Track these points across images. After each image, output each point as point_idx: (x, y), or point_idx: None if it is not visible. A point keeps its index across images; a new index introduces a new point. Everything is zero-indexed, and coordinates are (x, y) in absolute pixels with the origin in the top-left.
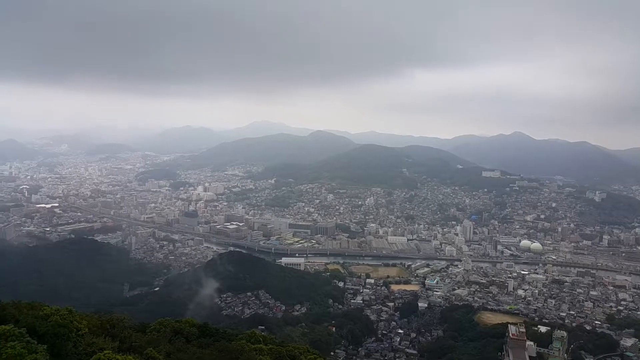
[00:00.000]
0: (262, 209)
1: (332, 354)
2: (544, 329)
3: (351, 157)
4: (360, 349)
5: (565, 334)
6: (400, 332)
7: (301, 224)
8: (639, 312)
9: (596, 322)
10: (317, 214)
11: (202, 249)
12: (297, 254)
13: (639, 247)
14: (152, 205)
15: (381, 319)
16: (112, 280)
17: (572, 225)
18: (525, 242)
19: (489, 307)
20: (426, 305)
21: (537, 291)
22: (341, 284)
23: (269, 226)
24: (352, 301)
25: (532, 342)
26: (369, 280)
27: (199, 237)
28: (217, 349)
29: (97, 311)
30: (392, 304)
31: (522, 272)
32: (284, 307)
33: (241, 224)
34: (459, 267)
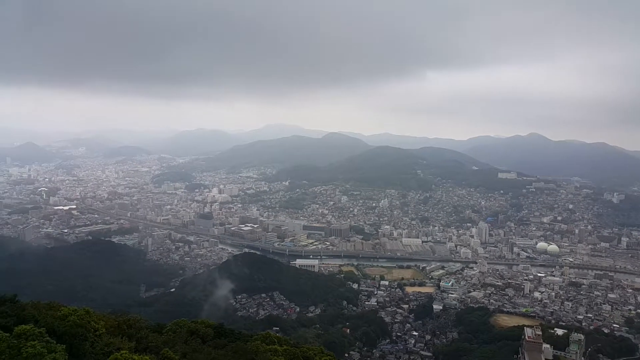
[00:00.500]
0: (276, 211)
1: (346, 355)
2: (560, 331)
3: (365, 159)
4: (374, 351)
5: (582, 337)
6: (415, 334)
7: (315, 225)
8: None
9: (614, 325)
10: (331, 216)
11: (217, 251)
12: (311, 256)
13: None
14: (168, 207)
15: (396, 321)
16: (128, 281)
17: (589, 227)
18: (541, 244)
19: (505, 310)
20: (441, 307)
21: (553, 294)
22: (355, 286)
23: (283, 228)
24: (366, 303)
25: (548, 345)
26: (383, 282)
27: (214, 239)
28: (233, 350)
29: (114, 312)
30: (407, 306)
31: (539, 275)
32: (298, 309)
33: (255, 226)
34: (475, 269)
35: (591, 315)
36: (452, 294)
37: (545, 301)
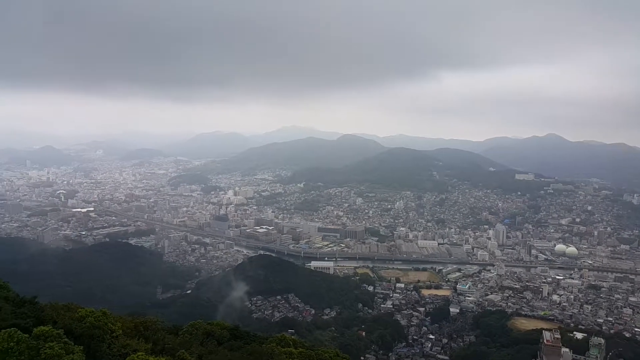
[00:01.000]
0: (291, 213)
1: (362, 358)
2: (580, 335)
3: (380, 161)
4: (390, 354)
5: (603, 341)
6: (431, 338)
7: (330, 227)
8: None
9: (636, 329)
10: (346, 218)
11: (232, 253)
12: (326, 258)
13: None
14: (184, 209)
15: (412, 324)
16: (145, 282)
17: (609, 229)
18: (560, 247)
19: (523, 313)
20: (458, 310)
21: (572, 297)
22: (371, 288)
23: (298, 230)
24: (382, 306)
25: (567, 349)
26: (399, 284)
27: (229, 241)
28: (248, 352)
29: (131, 313)
30: (423, 308)
31: (557, 277)
32: (313, 311)
33: (271, 228)
34: (492, 271)
35: (612, 318)
36: (469, 296)
37: (564, 304)
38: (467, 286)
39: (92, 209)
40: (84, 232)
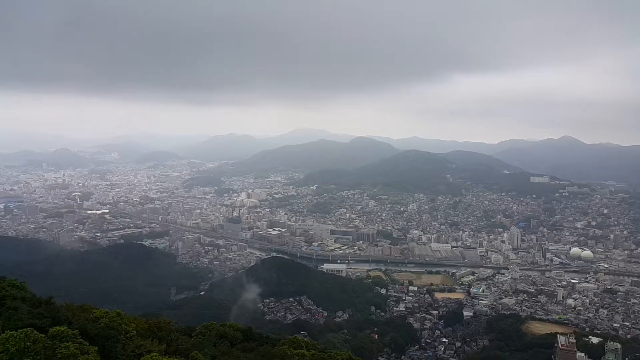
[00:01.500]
0: (303, 215)
1: None
2: (595, 340)
3: (393, 163)
4: (403, 358)
5: (619, 345)
6: (444, 341)
7: (343, 230)
8: None
9: None
10: (358, 220)
11: (245, 255)
12: (338, 260)
13: None
14: (198, 211)
15: (425, 327)
16: (159, 284)
17: (625, 232)
18: (575, 250)
19: (537, 317)
20: (472, 314)
21: (588, 301)
22: (383, 291)
23: (310, 232)
24: (394, 309)
25: (582, 354)
26: (411, 287)
27: (242, 243)
28: (261, 354)
29: (145, 314)
30: (436, 312)
31: (572, 281)
32: (325, 314)
33: (283, 230)
34: (506, 275)
35: (628, 323)
36: (482, 300)
37: (579, 308)
38: (481, 289)
39: (107, 210)
40: (99, 234)
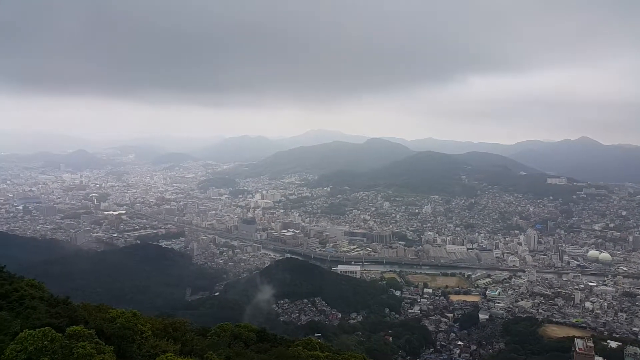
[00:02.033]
0: (318, 217)
1: None
2: (614, 344)
3: (408, 165)
4: None
5: (639, 350)
6: (459, 344)
7: (357, 231)
8: None
9: None
10: (373, 222)
11: (259, 256)
12: (353, 262)
13: None
14: (213, 212)
15: (440, 329)
16: (175, 284)
17: None
18: (593, 252)
19: (554, 320)
20: (487, 316)
21: (606, 304)
22: (398, 293)
23: (324, 233)
24: (409, 311)
25: (601, 358)
26: (426, 289)
27: (256, 244)
28: (275, 355)
29: (161, 314)
30: (451, 314)
31: (590, 284)
32: (340, 315)
33: (297, 231)
34: (523, 277)
35: None
36: (498, 303)
37: (597, 312)
38: (497, 292)
39: (123, 211)
40: (115, 234)
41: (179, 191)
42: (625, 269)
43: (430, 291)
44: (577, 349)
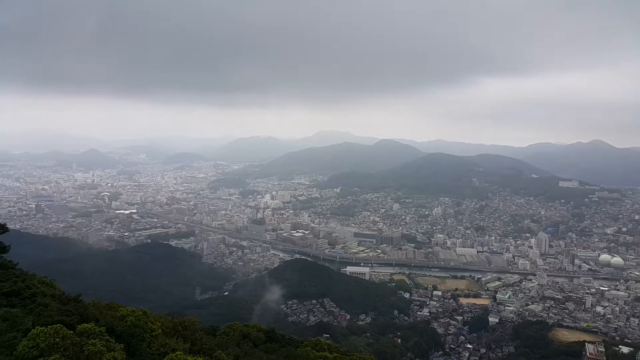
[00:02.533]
0: (327, 218)
1: None
2: (626, 349)
3: (418, 166)
4: None
5: None
6: (469, 347)
7: (366, 233)
8: None
9: None
10: (382, 224)
11: (269, 256)
12: (362, 263)
13: None
14: (223, 212)
15: (449, 332)
16: (185, 283)
17: None
18: (605, 257)
19: (565, 324)
20: (497, 320)
21: (617, 309)
22: (407, 295)
23: (334, 235)
24: (418, 313)
25: None
26: (436, 292)
27: (266, 244)
28: (283, 355)
29: (170, 313)
30: (461, 317)
31: (602, 288)
32: (348, 316)
33: (307, 232)
34: (533, 281)
35: None
36: (509, 306)
37: (608, 316)
38: (507, 295)
39: (134, 210)
40: (126, 233)
41: (190, 191)
42: (637, 274)
43: (439, 294)
44: (588, 354)
